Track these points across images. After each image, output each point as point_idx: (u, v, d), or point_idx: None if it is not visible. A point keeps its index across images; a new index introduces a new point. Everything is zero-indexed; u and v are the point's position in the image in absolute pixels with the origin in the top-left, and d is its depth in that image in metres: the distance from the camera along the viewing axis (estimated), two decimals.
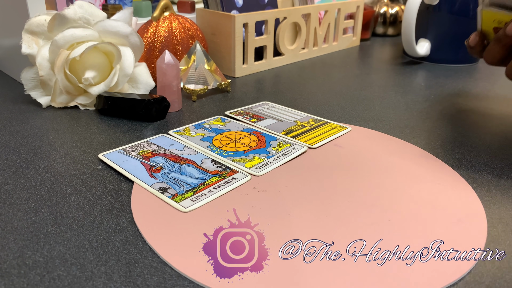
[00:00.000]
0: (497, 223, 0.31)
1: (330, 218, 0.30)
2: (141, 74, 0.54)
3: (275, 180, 0.35)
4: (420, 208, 0.32)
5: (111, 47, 0.49)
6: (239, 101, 0.55)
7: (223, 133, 0.44)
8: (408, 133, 0.45)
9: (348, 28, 0.85)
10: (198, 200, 0.32)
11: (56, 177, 0.36)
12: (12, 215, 0.31)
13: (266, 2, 0.71)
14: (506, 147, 0.42)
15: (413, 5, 0.67)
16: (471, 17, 0.69)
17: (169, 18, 0.59)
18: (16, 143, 0.42)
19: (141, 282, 0.25)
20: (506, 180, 0.36)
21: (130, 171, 0.36)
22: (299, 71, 0.69)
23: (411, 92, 0.59)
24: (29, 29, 0.49)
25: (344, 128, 0.46)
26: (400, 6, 0.95)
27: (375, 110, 0.52)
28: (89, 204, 0.32)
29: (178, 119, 0.48)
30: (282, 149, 0.41)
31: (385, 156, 0.40)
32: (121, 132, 0.45)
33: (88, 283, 0.25)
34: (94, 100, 0.50)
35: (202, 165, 0.37)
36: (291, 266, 0.26)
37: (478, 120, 0.49)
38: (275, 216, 0.31)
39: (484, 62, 0.75)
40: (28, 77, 0.50)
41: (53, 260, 0.26)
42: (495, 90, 0.60)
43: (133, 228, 0.29)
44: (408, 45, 0.71)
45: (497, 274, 0.26)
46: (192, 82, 0.55)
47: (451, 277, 0.25)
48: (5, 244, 0.28)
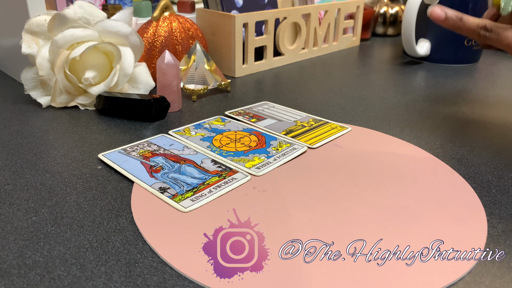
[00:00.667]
0: (497, 223, 0.31)
1: (330, 218, 0.30)
2: (141, 74, 0.54)
3: (275, 180, 0.35)
4: (420, 208, 0.32)
5: (111, 47, 0.49)
6: (239, 101, 0.55)
7: (223, 133, 0.44)
8: (408, 133, 0.45)
9: (348, 28, 0.85)
10: (198, 200, 0.32)
11: (56, 177, 0.36)
12: (12, 215, 0.31)
13: (266, 2, 0.71)
14: (506, 147, 0.42)
15: (413, 5, 0.67)
16: None
17: (169, 18, 0.59)
18: (16, 143, 0.42)
19: (141, 282, 0.25)
20: (506, 180, 0.36)
21: (130, 171, 0.36)
22: (299, 71, 0.69)
23: (411, 92, 0.59)
24: (29, 29, 0.49)
25: (344, 128, 0.46)
26: (400, 6, 0.95)
27: (375, 110, 0.52)
28: (89, 204, 0.32)
29: (178, 119, 0.48)
30: (282, 149, 0.41)
31: (385, 156, 0.40)
32: (121, 132, 0.45)
33: (88, 283, 0.25)
34: (94, 100, 0.50)
35: (202, 165, 0.37)
36: (291, 266, 0.26)
37: (478, 120, 0.49)
38: (275, 216, 0.31)
39: (484, 62, 0.75)
40: (28, 77, 0.50)
41: (53, 260, 0.26)
42: (495, 90, 0.60)
43: (133, 228, 0.29)
44: (408, 45, 0.70)
45: (497, 274, 0.26)
46: (192, 82, 0.55)
47: (451, 277, 0.25)
48: (5, 244, 0.28)
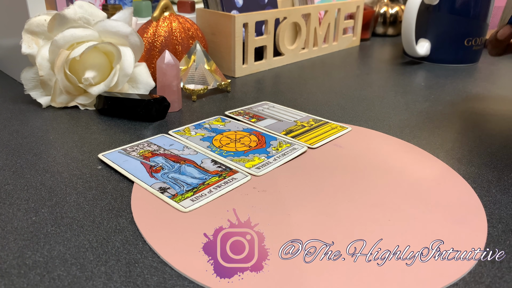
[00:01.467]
0: (497, 223, 0.31)
1: (330, 218, 0.30)
2: (141, 74, 0.54)
3: (275, 180, 0.35)
4: (420, 208, 0.32)
5: (111, 47, 0.49)
6: (239, 101, 0.55)
7: (223, 133, 0.44)
8: (408, 133, 0.45)
9: (348, 28, 0.85)
10: (198, 200, 0.32)
11: (56, 177, 0.36)
12: (12, 215, 0.31)
13: (266, 2, 0.71)
14: (506, 147, 0.42)
15: (413, 5, 0.67)
16: (471, 17, 0.69)
17: (169, 18, 0.59)
18: (16, 143, 0.42)
19: (141, 282, 0.25)
20: (506, 180, 0.36)
21: (130, 171, 0.36)
22: (299, 71, 0.69)
23: (411, 92, 0.59)
24: (29, 29, 0.49)
25: (344, 128, 0.46)
26: (400, 6, 0.95)
27: (375, 110, 0.52)
28: (89, 204, 0.32)
29: (178, 119, 0.48)
30: (282, 149, 0.41)
31: (385, 156, 0.40)
32: (121, 132, 0.45)
33: (88, 283, 0.25)
34: (94, 100, 0.50)
35: (202, 165, 0.37)
36: (291, 266, 0.26)
37: (478, 120, 0.49)
38: (275, 216, 0.31)
39: (484, 62, 0.75)
40: (28, 77, 0.50)
41: (53, 260, 0.26)
42: (495, 90, 0.60)
43: (133, 228, 0.29)
44: (408, 45, 0.71)
45: (497, 274, 0.26)
46: (192, 82, 0.55)
47: (451, 277, 0.25)
48: (5, 244, 0.28)
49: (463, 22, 0.69)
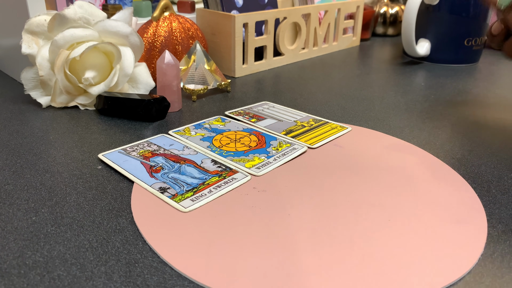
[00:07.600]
0: (497, 223, 0.31)
1: (330, 218, 0.30)
2: (141, 74, 0.54)
3: (275, 180, 0.35)
4: (420, 208, 0.32)
5: (111, 47, 0.49)
6: (239, 101, 0.55)
7: (223, 133, 0.44)
8: (408, 133, 0.45)
9: (348, 28, 0.85)
10: (198, 200, 0.32)
11: (56, 177, 0.36)
12: (12, 215, 0.31)
13: (266, 2, 0.71)
14: (506, 147, 0.42)
15: (413, 5, 0.67)
16: (471, 17, 0.69)
17: (169, 18, 0.59)
18: (16, 143, 0.42)
19: (141, 282, 0.25)
20: (506, 180, 0.36)
21: (130, 171, 0.36)
22: (299, 71, 0.69)
23: (411, 92, 0.59)
24: (29, 29, 0.49)
25: (344, 128, 0.46)
26: (400, 6, 0.95)
27: (375, 110, 0.52)
28: (89, 204, 0.32)
29: (178, 119, 0.48)
30: (282, 149, 0.41)
31: (385, 156, 0.40)
32: (121, 132, 0.45)
33: (88, 283, 0.25)
34: (94, 100, 0.50)
35: (202, 165, 0.37)
36: (291, 265, 0.26)
37: (478, 120, 0.49)
38: (275, 216, 0.31)
39: (484, 62, 0.75)
40: (28, 77, 0.50)
41: (53, 260, 0.26)
42: (495, 90, 0.60)
43: (133, 228, 0.29)
44: (408, 45, 0.71)
45: (497, 274, 0.26)
46: (192, 82, 0.55)
47: (451, 277, 0.25)
48: (5, 244, 0.28)
49: (463, 22, 0.69)
